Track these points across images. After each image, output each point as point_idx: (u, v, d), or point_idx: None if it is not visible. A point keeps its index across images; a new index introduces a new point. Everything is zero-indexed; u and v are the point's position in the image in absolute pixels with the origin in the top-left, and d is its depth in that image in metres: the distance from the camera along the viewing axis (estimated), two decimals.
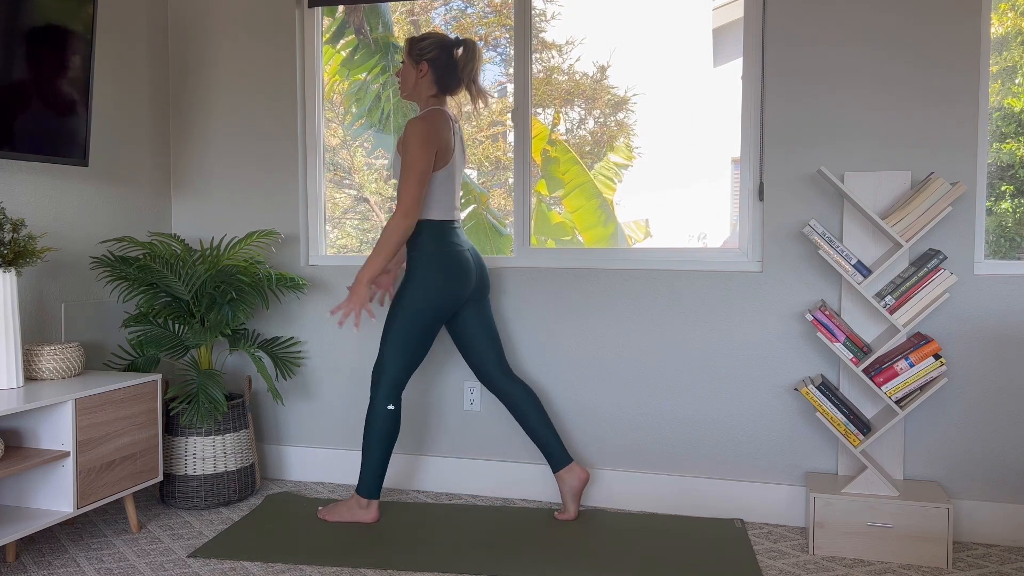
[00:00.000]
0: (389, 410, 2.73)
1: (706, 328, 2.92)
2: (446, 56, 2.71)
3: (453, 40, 2.74)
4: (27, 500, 2.45)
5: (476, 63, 2.74)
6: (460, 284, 2.70)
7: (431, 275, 2.66)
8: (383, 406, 2.72)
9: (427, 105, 2.75)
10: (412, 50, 2.73)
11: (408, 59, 2.74)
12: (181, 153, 3.47)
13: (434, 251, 2.67)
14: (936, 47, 2.66)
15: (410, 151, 2.58)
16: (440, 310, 2.70)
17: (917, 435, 2.74)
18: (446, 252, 2.68)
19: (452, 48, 2.73)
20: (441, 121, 2.66)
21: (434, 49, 2.70)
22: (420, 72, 2.72)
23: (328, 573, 2.42)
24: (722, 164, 3.75)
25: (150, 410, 2.73)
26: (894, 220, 2.54)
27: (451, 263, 2.68)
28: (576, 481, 2.83)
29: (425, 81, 2.72)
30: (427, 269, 2.66)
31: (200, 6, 3.40)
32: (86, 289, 3.03)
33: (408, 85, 2.75)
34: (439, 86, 2.73)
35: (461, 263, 2.70)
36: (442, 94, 2.75)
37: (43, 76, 2.62)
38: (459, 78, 2.74)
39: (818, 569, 2.47)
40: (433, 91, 2.73)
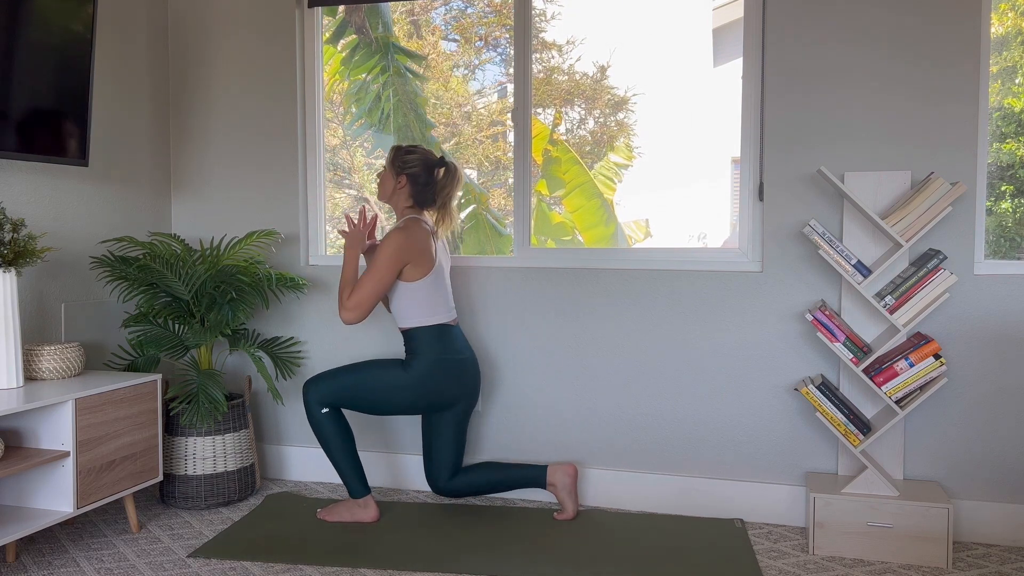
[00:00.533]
0: (324, 413, 2.76)
1: (706, 328, 2.92)
2: (427, 173, 2.79)
3: (437, 160, 2.82)
4: (27, 500, 2.45)
5: (453, 188, 2.84)
6: (454, 389, 2.77)
7: (429, 377, 2.73)
8: (317, 412, 2.76)
9: (403, 214, 2.83)
10: (395, 161, 2.81)
11: (390, 168, 2.82)
12: (181, 153, 3.47)
13: (435, 356, 2.74)
14: (936, 47, 2.66)
15: (379, 258, 2.67)
16: (426, 406, 2.77)
17: (917, 435, 2.74)
18: (448, 359, 2.75)
19: (434, 167, 2.81)
20: (419, 232, 2.73)
21: (417, 165, 2.79)
22: (399, 184, 2.80)
23: (328, 573, 2.42)
24: (722, 164, 3.75)
25: (150, 410, 2.73)
26: (894, 220, 2.54)
27: (451, 369, 2.75)
28: (566, 478, 2.84)
29: (403, 193, 2.81)
30: (427, 370, 2.73)
31: (200, 6, 3.40)
32: (86, 289, 3.03)
33: (386, 192, 2.84)
34: (415, 200, 2.82)
35: (461, 370, 2.77)
36: (418, 207, 2.83)
37: (43, 76, 2.62)
38: (434, 196, 2.83)
39: (818, 569, 2.47)
40: (409, 203, 2.83)
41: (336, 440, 2.77)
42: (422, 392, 2.73)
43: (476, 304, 3.15)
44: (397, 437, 3.26)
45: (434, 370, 2.72)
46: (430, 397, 2.75)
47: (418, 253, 2.71)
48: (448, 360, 2.74)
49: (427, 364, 2.72)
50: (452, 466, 2.87)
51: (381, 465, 3.26)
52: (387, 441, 3.28)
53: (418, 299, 2.74)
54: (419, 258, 2.71)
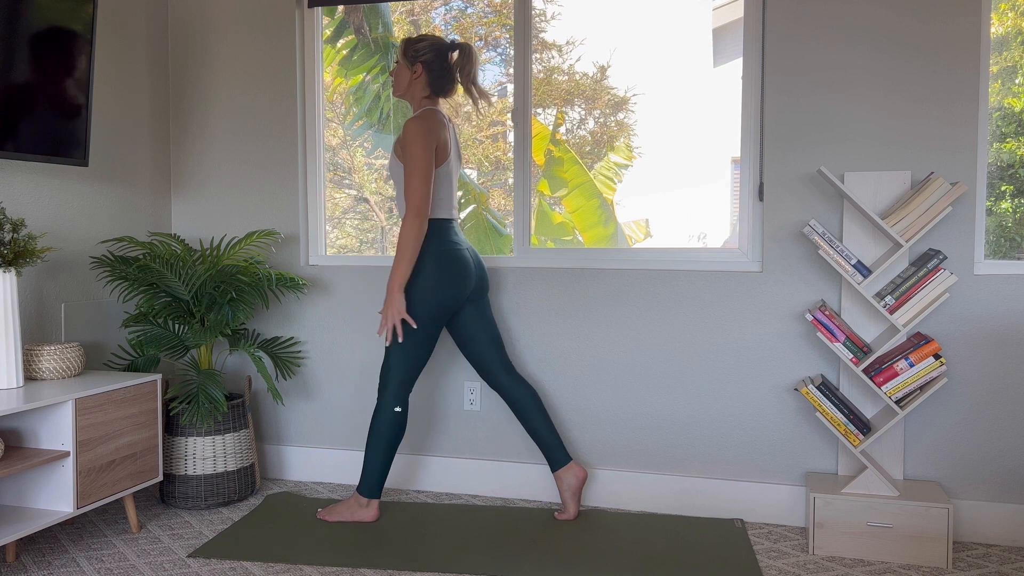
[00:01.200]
0: (396, 412, 2.74)
1: (706, 328, 2.92)
2: (441, 59, 2.73)
3: (449, 43, 2.76)
4: (27, 500, 2.45)
5: (473, 65, 2.75)
6: (460, 282, 2.71)
7: (431, 275, 2.67)
8: (390, 408, 2.73)
9: (420, 106, 2.77)
10: (407, 51, 2.74)
11: (403, 60, 2.75)
12: (181, 153, 3.47)
13: (434, 250, 2.68)
14: (936, 47, 2.66)
15: (411, 151, 2.59)
16: (441, 309, 2.70)
17: (917, 435, 2.74)
18: (446, 251, 2.69)
19: (447, 51, 2.74)
20: (437, 120, 2.67)
21: (429, 52, 2.72)
22: (415, 73, 2.73)
23: (328, 573, 2.42)
24: (722, 164, 3.75)
25: (150, 410, 2.73)
26: (894, 220, 2.54)
27: (451, 262, 2.69)
28: (575, 480, 2.83)
29: (419, 83, 2.74)
30: (427, 269, 2.67)
31: (200, 6, 3.40)
32: (86, 289, 3.03)
33: (402, 85, 2.77)
34: (432, 88, 2.75)
35: (461, 262, 2.71)
36: (435, 96, 2.77)
37: (43, 76, 2.62)
38: (454, 81, 2.76)
39: (818, 569, 2.47)
40: (426, 93, 2.75)
41: (388, 439, 2.75)
42: (435, 288, 2.66)
43: None
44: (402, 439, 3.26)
45: (436, 267, 2.67)
46: (443, 290, 2.67)
47: (438, 140, 2.66)
48: (446, 252, 2.69)
49: (428, 259, 2.67)
50: (498, 352, 2.85)
51: None
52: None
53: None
54: (439, 145, 2.66)
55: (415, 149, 2.59)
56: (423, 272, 2.67)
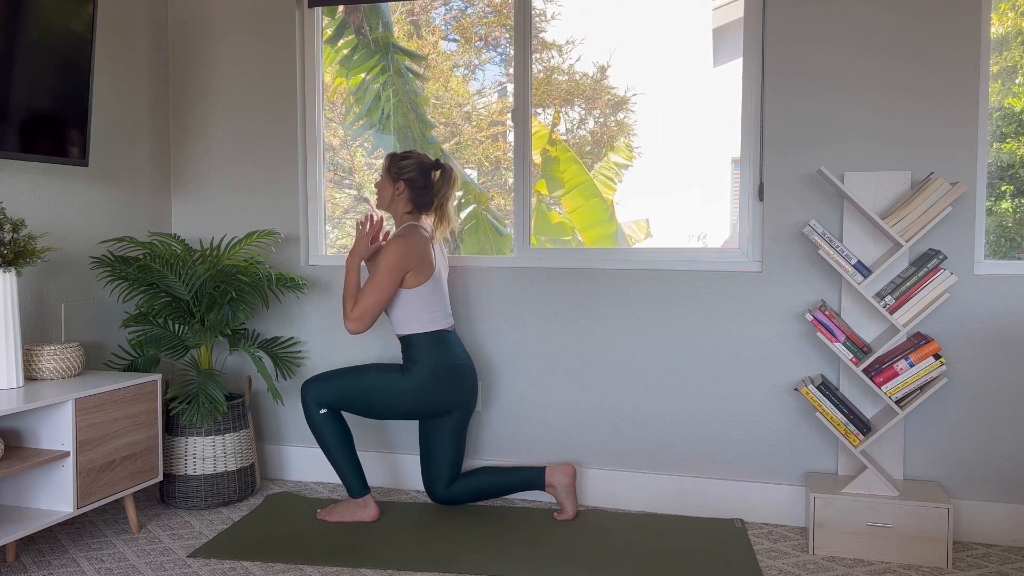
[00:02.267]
0: (323, 414, 2.77)
1: (706, 328, 2.92)
2: (424, 177, 2.81)
3: (432, 163, 2.84)
4: (27, 500, 2.45)
5: (450, 189, 2.85)
6: (452, 395, 2.78)
7: (426, 383, 2.74)
8: (315, 413, 2.77)
9: (402, 221, 2.85)
10: (392, 167, 2.83)
11: (386, 176, 2.84)
12: (181, 153, 3.47)
13: (433, 362, 2.74)
14: (936, 47, 2.66)
15: (381, 265, 2.68)
16: (422, 411, 2.78)
17: (917, 435, 2.74)
18: (445, 364, 2.75)
19: (430, 170, 2.82)
20: (418, 237, 2.74)
21: (413, 170, 2.80)
22: (397, 190, 2.82)
23: (328, 573, 2.42)
24: (722, 164, 3.75)
25: (150, 410, 2.73)
26: (894, 220, 2.54)
27: (449, 375, 2.76)
28: (565, 478, 2.84)
29: (401, 199, 2.83)
30: (424, 376, 2.74)
31: (200, 6, 3.40)
32: (86, 289, 3.03)
33: (384, 200, 2.86)
34: (414, 204, 2.83)
35: (459, 375, 2.78)
36: (417, 212, 2.84)
37: (43, 76, 2.62)
38: (432, 199, 2.84)
39: (818, 569, 2.47)
40: (408, 208, 2.84)
41: (334, 441, 2.77)
42: (420, 398, 2.74)
43: (476, 304, 3.15)
44: (396, 437, 3.26)
45: (432, 376, 2.73)
46: (428, 403, 2.75)
47: (418, 260, 2.72)
48: (446, 366, 2.75)
49: (426, 370, 2.73)
50: (450, 474, 2.88)
51: (381, 465, 3.26)
52: (386, 441, 3.28)
53: (417, 306, 2.75)
54: (419, 265, 2.72)
55: (385, 266, 2.68)
56: (419, 377, 2.73)
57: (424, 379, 2.73)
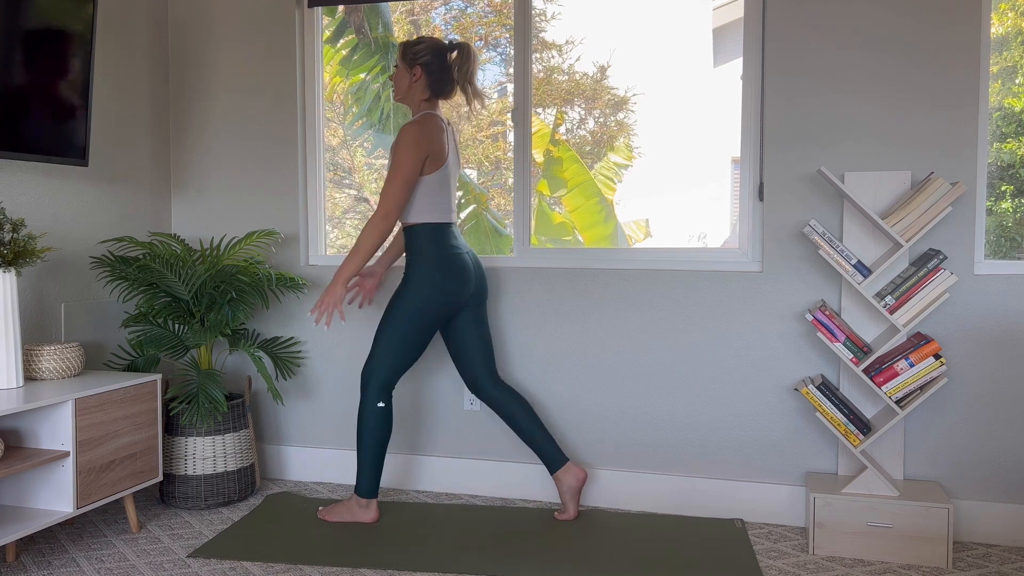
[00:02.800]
0: (379, 408, 2.73)
1: (706, 328, 2.92)
2: (440, 60, 2.73)
3: (447, 44, 2.76)
4: (27, 500, 2.45)
5: (472, 65, 2.76)
6: (458, 287, 2.71)
7: (430, 277, 2.67)
8: (373, 404, 2.73)
9: (419, 109, 2.77)
10: (406, 54, 2.74)
11: (402, 63, 2.75)
12: (181, 153, 3.47)
13: (433, 254, 2.68)
14: (936, 47, 2.66)
15: (398, 155, 2.61)
16: (437, 312, 2.70)
17: (917, 435, 2.74)
18: (446, 255, 2.69)
19: (446, 52, 2.75)
20: (434, 125, 2.67)
21: (428, 53, 2.72)
22: (414, 76, 2.74)
23: (328, 573, 2.42)
24: (722, 164, 3.75)
25: (150, 410, 2.73)
26: (894, 220, 2.54)
27: (450, 265, 2.69)
28: (574, 481, 2.83)
29: (419, 85, 2.74)
30: (426, 271, 2.67)
31: (200, 6, 3.40)
32: (86, 289, 3.03)
33: (401, 89, 2.77)
34: (432, 90, 2.75)
35: (461, 266, 2.71)
36: (435, 98, 2.77)
37: (43, 76, 2.62)
38: (453, 81, 2.76)
39: (818, 569, 2.47)
40: (426, 95, 2.75)
41: (376, 436, 2.74)
42: (432, 293, 2.67)
43: None
44: (396, 437, 3.26)
45: (436, 267, 2.67)
46: (440, 295, 2.68)
47: (437, 147, 2.66)
48: (448, 256, 2.69)
49: (428, 264, 2.67)
50: (488, 366, 2.85)
51: None
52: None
53: (423, 194, 2.68)
54: (435, 151, 2.66)
55: (403, 154, 2.60)
56: (422, 273, 2.67)
57: (429, 272, 2.67)
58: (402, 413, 3.25)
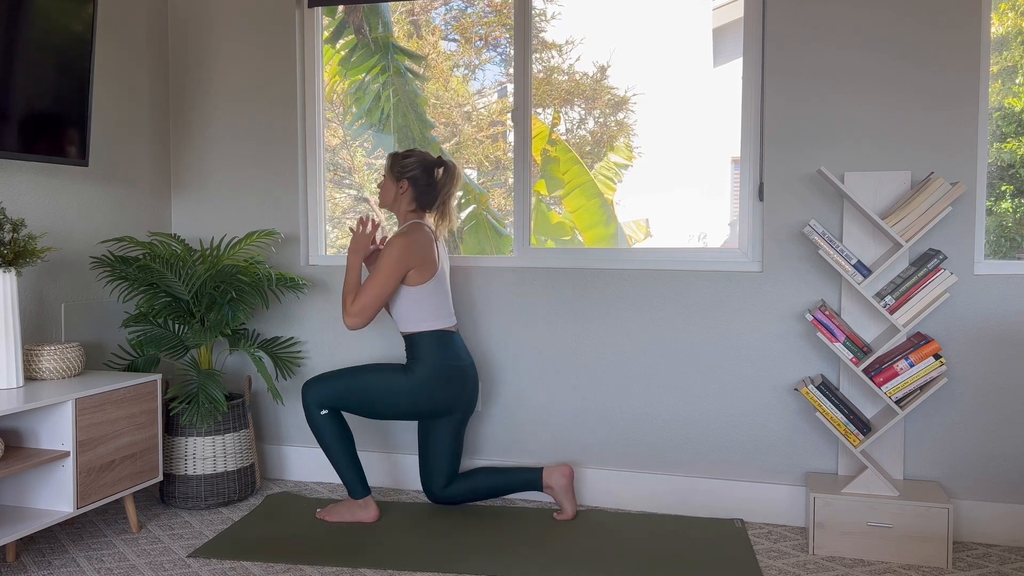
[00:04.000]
0: (323, 415, 2.77)
1: (706, 328, 2.92)
2: (427, 175, 2.81)
3: (435, 160, 2.84)
4: (27, 500, 2.45)
5: (453, 187, 2.85)
6: (452, 398, 2.77)
7: (429, 383, 2.73)
8: (316, 414, 2.76)
9: (406, 219, 2.84)
10: (394, 167, 2.82)
11: (389, 175, 2.83)
12: (181, 153, 3.47)
13: (435, 363, 2.74)
14: (936, 47, 2.66)
15: (384, 262, 2.68)
16: (419, 413, 2.77)
17: (917, 435, 2.74)
18: (447, 366, 2.75)
19: (433, 168, 2.82)
20: (422, 235, 2.74)
21: (415, 168, 2.80)
22: (400, 189, 2.82)
23: (328, 573, 2.42)
24: (722, 164, 3.75)
25: (150, 410, 2.73)
26: (894, 220, 2.54)
27: (451, 378, 2.75)
28: (562, 479, 2.84)
29: (404, 197, 2.83)
30: (427, 376, 2.73)
31: (200, 6, 3.40)
32: (86, 289, 3.03)
33: (388, 198, 2.85)
34: (418, 203, 2.83)
35: (461, 379, 2.78)
36: (421, 210, 2.84)
37: (43, 76, 2.62)
38: (438, 196, 2.84)
39: (818, 569, 2.47)
40: (412, 207, 2.84)
41: (335, 441, 2.77)
42: (422, 398, 2.73)
43: (476, 304, 3.15)
44: (397, 437, 3.26)
45: (435, 376, 2.73)
46: (429, 403, 2.75)
47: (421, 258, 2.72)
48: (449, 367, 2.75)
49: (428, 370, 2.73)
50: (448, 474, 2.88)
51: (381, 465, 3.26)
52: (387, 441, 3.28)
53: (421, 304, 2.75)
54: (423, 263, 2.72)
55: (387, 262, 2.68)
56: (423, 381, 2.73)
57: (426, 379, 2.73)
58: None
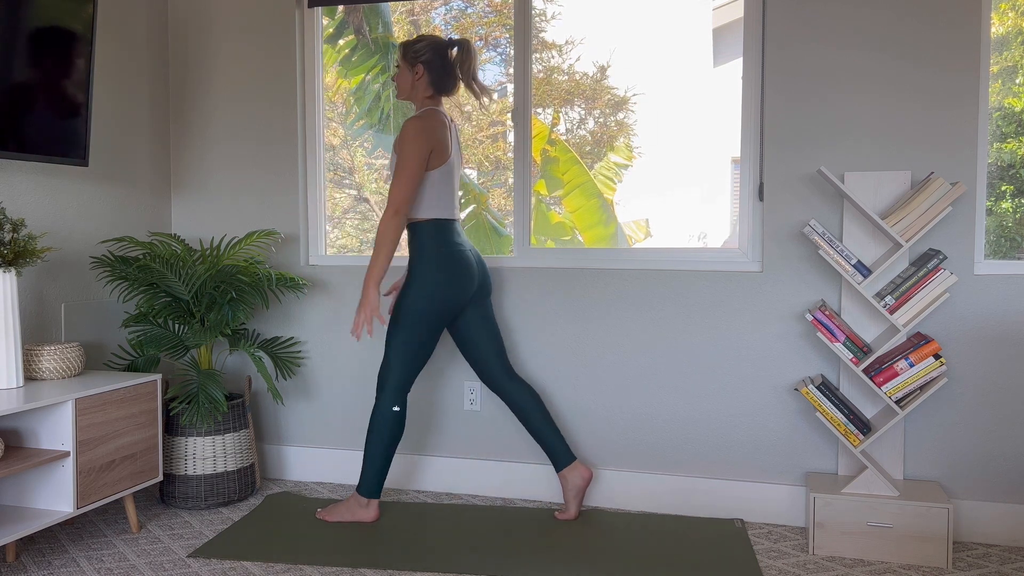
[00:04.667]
0: (394, 412, 2.74)
1: (706, 328, 2.92)
2: (441, 57, 2.74)
3: (447, 41, 2.77)
4: (27, 500, 2.45)
5: (472, 61, 2.77)
6: (462, 284, 2.71)
7: (433, 275, 2.67)
8: (388, 408, 2.73)
9: (423, 106, 2.78)
10: (407, 53, 2.76)
11: (403, 62, 2.77)
12: (181, 153, 3.47)
13: (436, 251, 2.68)
14: (936, 47, 2.66)
15: (404, 150, 2.61)
16: (443, 311, 2.70)
17: (917, 435, 2.74)
18: (448, 252, 2.69)
19: (446, 49, 2.75)
20: (437, 121, 2.68)
21: (428, 51, 2.73)
22: (416, 75, 2.75)
23: (328, 573, 2.42)
24: (722, 164, 3.75)
25: (150, 410, 2.73)
26: (894, 220, 2.54)
27: (453, 263, 2.69)
28: (580, 480, 2.83)
29: (421, 83, 2.75)
30: (429, 269, 2.67)
31: (200, 6, 3.40)
32: (86, 289, 3.03)
33: (404, 88, 2.78)
34: (435, 87, 2.76)
35: (463, 262, 2.71)
36: (438, 95, 2.78)
37: (43, 76, 2.62)
38: (455, 78, 2.77)
39: (818, 569, 2.47)
40: (429, 92, 2.76)
41: (387, 439, 2.75)
42: (438, 292, 2.67)
43: None
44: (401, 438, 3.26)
45: (438, 266, 2.67)
46: (446, 293, 2.68)
47: (438, 140, 2.67)
48: (450, 253, 2.69)
49: (431, 262, 2.67)
50: (498, 355, 2.85)
51: None
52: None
53: (428, 189, 2.69)
54: (438, 146, 2.67)
55: (408, 149, 2.61)
56: (425, 273, 2.67)
57: (432, 272, 2.67)
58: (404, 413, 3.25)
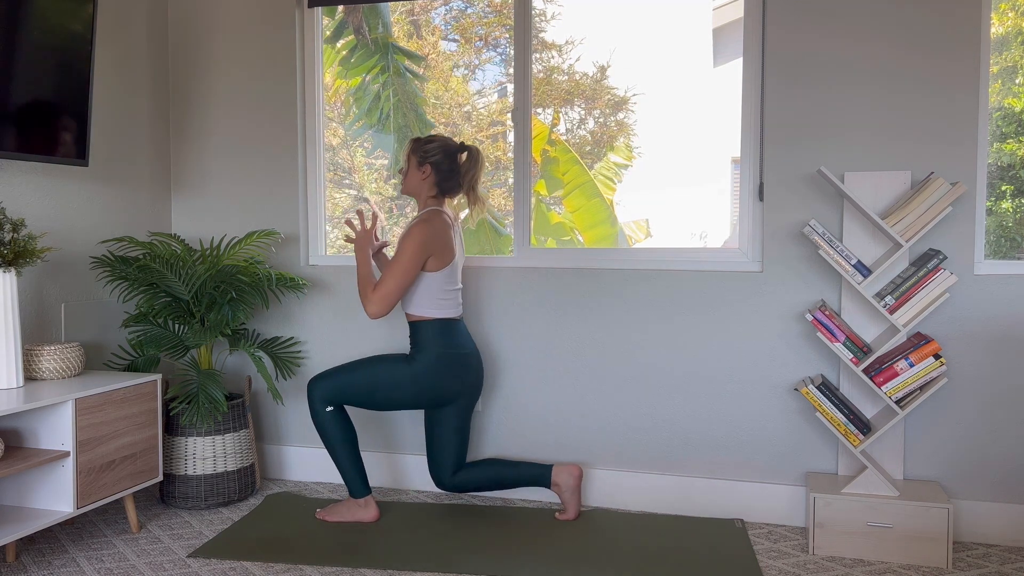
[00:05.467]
0: (328, 412, 2.76)
1: (706, 328, 2.92)
2: (450, 160, 2.79)
3: (457, 146, 2.82)
4: (27, 500, 2.45)
5: (478, 171, 2.83)
6: (457, 386, 2.76)
7: (432, 374, 2.72)
8: (321, 410, 2.76)
9: (426, 205, 2.83)
10: (417, 151, 2.80)
11: (412, 158, 2.81)
12: (181, 153, 3.47)
13: (438, 351, 2.73)
14: (936, 47, 2.66)
15: (405, 248, 2.66)
16: (418, 401, 2.76)
17: (917, 435, 2.74)
18: (451, 354, 2.74)
19: (456, 153, 2.80)
20: (441, 223, 2.73)
21: (438, 152, 2.78)
22: (423, 174, 2.80)
23: (328, 573, 2.42)
24: (722, 164, 3.75)
25: (150, 410, 2.73)
26: (894, 220, 2.54)
27: (454, 365, 2.74)
28: (570, 479, 2.83)
29: (427, 183, 2.80)
30: (427, 361, 2.72)
31: (200, 6, 3.40)
32: (86, 289, 3.03)
33: (411, 184, 2.83)
34: (440, 188, 2.81)
35: (462, 367, 2.77)
36: (442, 196, 2.83)
37: (43, 76, 2.62)
38: (460, 183, 2.82)
39: (818, 569, 2.47)
40: (433, 192, 2.82)
41: (339, 439, 2.77)
42: (425, 387, 2.72)
43: (476, 304, 3.15)
44: (397, 436, 3.26)
45: (438, 364, 2.72)
46: (433, 392, 2.74)
47: (441, 245, 2.70)
48: (452, 355, 2.74)
49: (431, 358, 2.72)
50: (455, 461, 2.86)
51: (381, 465, 3.26)
52: (388, 441, 3.28)
53: (431, 290, 2.73)
54: (441, 250, 2.71)
55: (408, 250, 2.66)
56: (426, 369, 2.72)
57: (429, 367, 2.72)
58: (404, 413, 3.25)
